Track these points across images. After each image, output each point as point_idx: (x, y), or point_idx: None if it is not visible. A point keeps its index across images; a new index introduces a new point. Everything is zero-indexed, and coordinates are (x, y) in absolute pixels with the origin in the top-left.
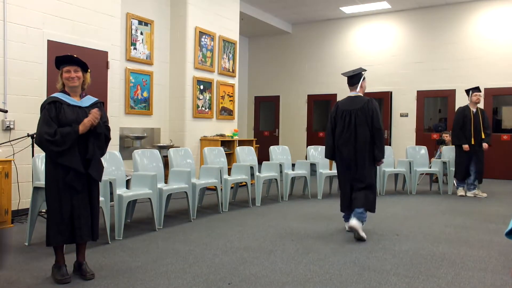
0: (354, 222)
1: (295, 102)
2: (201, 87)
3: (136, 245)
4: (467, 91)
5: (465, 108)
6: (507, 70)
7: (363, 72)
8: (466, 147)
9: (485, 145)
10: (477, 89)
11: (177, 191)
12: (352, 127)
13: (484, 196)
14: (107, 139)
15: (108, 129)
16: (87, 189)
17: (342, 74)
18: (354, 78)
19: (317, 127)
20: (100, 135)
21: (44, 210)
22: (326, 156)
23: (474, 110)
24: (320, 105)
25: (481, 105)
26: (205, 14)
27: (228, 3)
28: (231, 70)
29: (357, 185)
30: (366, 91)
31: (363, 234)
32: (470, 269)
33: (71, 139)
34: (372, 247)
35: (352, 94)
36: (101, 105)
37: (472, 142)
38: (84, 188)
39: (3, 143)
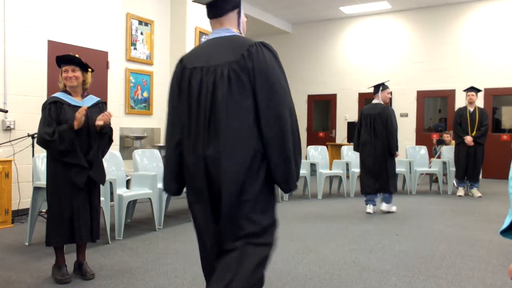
0: (384, 206)
1: (295, 102)
2: None
3: (136, 245)
4: (464, 91)
5: (462, 109)
6: (507, 70)
7: (386, 83)
8: (468, 139)
9: (467, 138)
10: (470, 89)
11: None
12: (371, 128)
13: (477, 196)
14: (110, 140)
15: (111, 130)
16: (87, 189)
17: (368, 88)
18: (375, 89)
19: (317, 127)
20: (104, 136)
21: (44, 210)
22: (354, 149)
23: (472, 109)
24: (320, 105)
25: (481, 105)
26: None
27: None
28: None
29: (376, 174)
30: (367, 91)
31: (393, 209)
32: (470, 269)
33: (68, 136)
34: (372, 247)
35: (374, 101)
36: (103, 105)
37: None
38: (85, 188)
39: (3, 143)
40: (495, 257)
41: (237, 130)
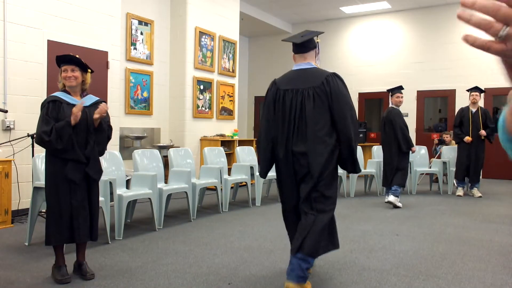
0: (391, 198)
1: None
2: (201, 87)
3: (136, 245)
4: (468, 91)
5: (464, 109)
6: None
7: (397, 88)
8: (467, 138)
9: (482, 132)
10: (474, 89)
11: (177, 191)
12: (383, 130)
13: (478, 196)
14: (108, 138)
15: (110, 128)
16: (86, 188)
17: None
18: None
19: None
20: (102, 132)
21: (44, 210)
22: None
23: (474, 110)
24: None
25: (481, 105)
26: (205, 14)
27: (228, 3)
28: (231, 70)
29: (388, 170)
30: (367, 91)
31: (399, 204)
32: (470, 269)
33: (66, 133)
34: (372, 247)
35: (390, 105)
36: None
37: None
38: (84, 186)
39: (3, 143)
40: (495, 257)
41: (319, 134)
